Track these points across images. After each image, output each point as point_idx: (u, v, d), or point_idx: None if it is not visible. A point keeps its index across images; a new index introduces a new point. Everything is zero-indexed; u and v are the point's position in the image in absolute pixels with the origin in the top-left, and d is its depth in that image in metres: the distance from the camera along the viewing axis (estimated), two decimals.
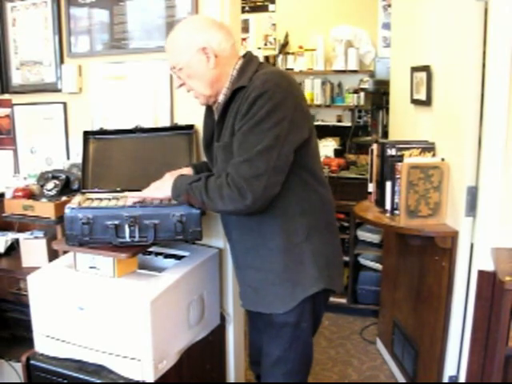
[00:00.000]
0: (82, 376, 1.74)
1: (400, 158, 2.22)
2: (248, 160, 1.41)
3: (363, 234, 3.44)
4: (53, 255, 2.15)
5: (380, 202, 2.38)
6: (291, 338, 1.61)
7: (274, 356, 1.64)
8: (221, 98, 1.59)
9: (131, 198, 1.71)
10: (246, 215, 1.53)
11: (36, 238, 2.27)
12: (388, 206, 2.28)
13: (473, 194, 1.93)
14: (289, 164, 1.47)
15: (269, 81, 1.45)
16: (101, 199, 1.82)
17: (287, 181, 1.49)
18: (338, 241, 1.72)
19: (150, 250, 1.97)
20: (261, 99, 1.42)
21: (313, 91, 4.43)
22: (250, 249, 1.61)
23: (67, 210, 1.70)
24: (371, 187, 2.51)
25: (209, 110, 1.73)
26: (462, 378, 1.99)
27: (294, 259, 1.56)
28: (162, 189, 1.64)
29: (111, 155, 2.06)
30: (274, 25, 4.74)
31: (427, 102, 2.31)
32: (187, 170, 1.78)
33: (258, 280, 1.61)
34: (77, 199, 1.80)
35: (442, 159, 2.17)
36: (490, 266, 1.81)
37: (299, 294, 1.56)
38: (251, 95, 1.44)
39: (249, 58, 1.59)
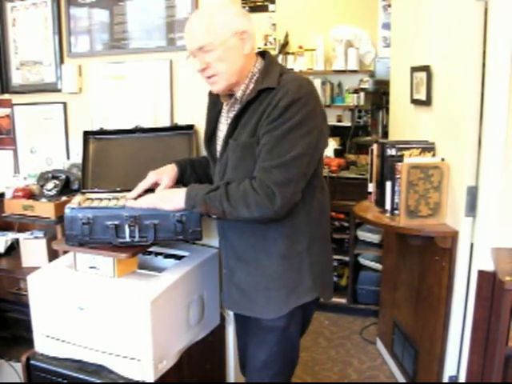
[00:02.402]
0: (81, 376, 1.74)
1: (400, 158, 2.22)
2: (281, 165, 1.39)
3: (363, 234, 3.44)
4: (53, 255, 2.14)
5: (380, 202, 2.38)
6: (279, 342, 1.60)
7: (260, 359, 1.62)
8: (239, 95, 1.53)
9: (135, 205, 1.65)
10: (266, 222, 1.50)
11: (36, 238, 2.27)
12: (388, 206, 2.29)
13: (473, 194, 1.93)
14: (312, 171, 1.50)
15: (303, 87, 1.44)
16: (101, 199, 1.82)
17: None
18: (331, 250, 1.73)
19: (150, 250, 1.97)
20: (295, 105, 1.40)
21: None
22: (249, 250, 1.57)
23: (67, 210, 1.70)
24: (371, 187, 2.51)
25: (213, 103, 1.67)
26: (462, 378, 1.99)
27: (293, 267, 1.55)
28: (171, 201, 1.57)
29: (111, 155, 2.06)
30: (274, 25, 4.73)
31: (427, 102, 2.31)
32: (171, 168, 1.74)
33: (248, 282, 1.58)
34: (77, 199, 1.80)
35: (442, 159, 2.17)
36: (490, 266, 1.81)
37: (292, 302, 1.55)
38: (284, 99, 1.41)
39: (270, 58, 1.56)
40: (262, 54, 1.58)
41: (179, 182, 1.75)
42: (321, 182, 1.61)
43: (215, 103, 1.66)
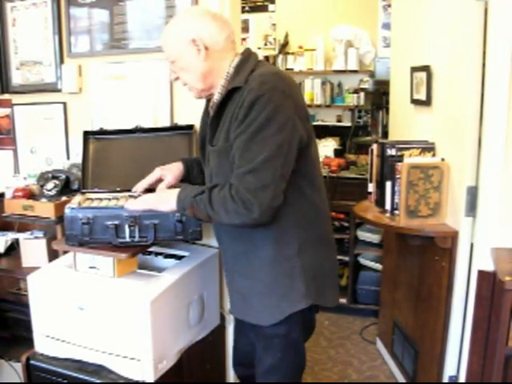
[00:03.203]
0: (81, 376, 1.74)
1: (400, 158, 2.22)
2: (253, 170, 1.34)
3: (363, 234, 3.44)
4: (53, 255, 2.15)
5: (380, 202, 2.38)
6: (283, 349, 1.57)
7: (267, 363, 1.60)
8: (216, 97, 1.51)
9: (133, 207, 1.66)
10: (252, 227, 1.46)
11: (36, 238, 2.27)
12: (388, 206, 2.28)
13: (473, 193, 1.93)
14: (291, 171, 1.41)
15: (266, 83, 1.37)
16: (101, 199, 1.82)
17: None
18: (333, 253, 1.65)
19: (150, 250, 1.97)
20: (258, 103, 1.34)
21: (313, 91, 4.43)
22: (241, 254, 1.55)
23: (67, 210, 1.70)
24: (371, 187, 2.51)
25: (207, 108, 1.64)
26: (462, 378, 1.99)
27: (283, 272, 1.50)
28: (166, 202, 1.55)
29: (111, 155, 2.06)
30: (274, 25, 4.74)
31: (427, 102, 2.31)
32: (177, 166, 1.74)
33: (245, 287, 1.57)
34: (77, 199, 1.80)
35: (442, 159, 2.17)
36: (490, 266, 1.81)
37: (286, 309, 1.51)
38: (247, 99, 1.36)
39: (246, 55, 1.51)
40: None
41: (186, 180, 1.75)
42: (311, 182, 1.52)
43: (207, 112, 1.63)
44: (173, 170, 1.73)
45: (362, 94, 4.16)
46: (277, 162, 1.36)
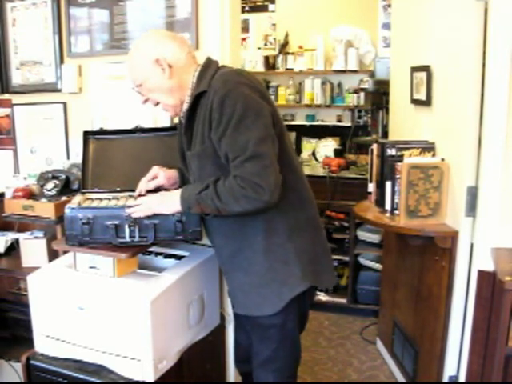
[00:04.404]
0: (82, 376, 1.74)
1: (400, 158, 2.22)
2: (250, 156, 1.39)
3: (363, 234, 3.44)
4: (53, 255, 2.15)
5: (380, 202, 2.38)
6: (278, 339, 1.62)
7: (263, 355, 1.65)
8: (184, 106, 1.59)
9: (135, 213, 1.66)
10: (250, 214, 1.50)
11: (36, 238, 2.27)
12: (388, 206, 2.29)
13: (473, 194, 1.93)
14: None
15: (228, 80, 1.46)
16: (101, 199, 1.82)
17: None
18: (322, 236, 1.70)
19: (150, 250, 1.97)
20: (228, 100, 1.41)
21: (313, 91, 4.42)
22: (237, 252, 1.60)
23: (67, 210, 1.70)
24: (371, 187, 2.51)
25: (180, 121, 1.72)
26: (462, 378, 1.99)
27: (278, 259, 1.56)
28: (170, 204, 1.59)
29: (111, 155, 2.06)
30: (274, 25, 4.73)
31: (427, 102, 2.31)
32: (173, 170, 1.79)
33: (246, 283, 1.61)
34: (77, 199, 1.80)
35: (442, 159, 2.17)
36: (489, 266, 1.81)
37: (286, 295, 1.56)
38: (215, 99, 1.43)
39: (207, 63, 1.59)
40: None
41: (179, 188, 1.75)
42: (291, 169, 1.58)
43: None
44: (167, 171, 1.77)
45: (361, 94, 4.15)
46: (267, 142, 1.42)
